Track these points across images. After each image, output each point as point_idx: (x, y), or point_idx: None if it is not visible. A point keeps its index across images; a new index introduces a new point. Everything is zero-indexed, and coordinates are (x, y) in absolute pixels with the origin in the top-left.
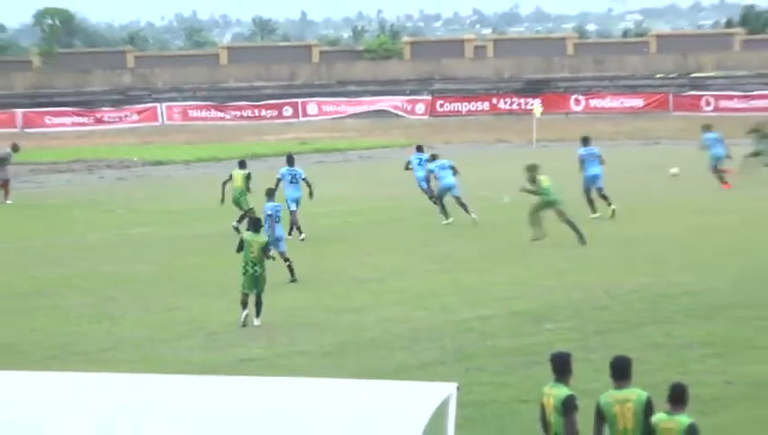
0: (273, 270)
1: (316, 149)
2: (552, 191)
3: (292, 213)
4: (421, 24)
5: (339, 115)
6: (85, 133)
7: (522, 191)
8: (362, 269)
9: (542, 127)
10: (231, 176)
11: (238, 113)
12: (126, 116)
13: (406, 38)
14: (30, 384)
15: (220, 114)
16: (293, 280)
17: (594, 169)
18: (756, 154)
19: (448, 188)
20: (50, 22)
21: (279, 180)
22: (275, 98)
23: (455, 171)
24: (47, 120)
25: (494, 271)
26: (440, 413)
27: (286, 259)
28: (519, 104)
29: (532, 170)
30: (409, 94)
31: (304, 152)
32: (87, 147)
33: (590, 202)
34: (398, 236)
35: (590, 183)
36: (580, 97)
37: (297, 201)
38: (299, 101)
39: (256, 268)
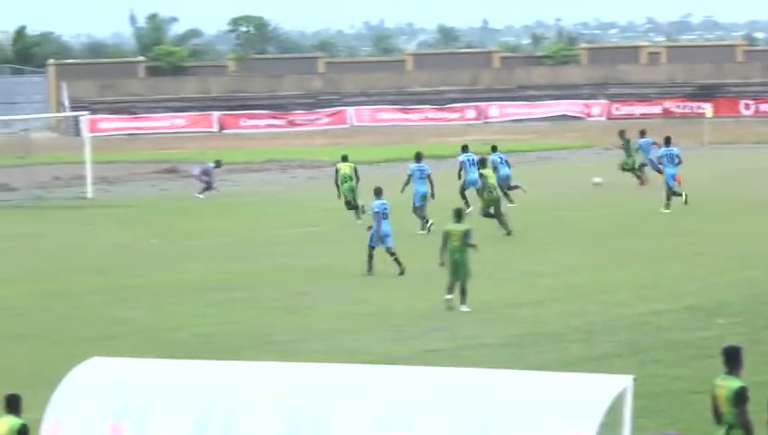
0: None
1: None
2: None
3: (419, 208)
4: (597, 32)
5: (519, 118)
6: (278, 135)
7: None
8: (539, 265)
9: (713, 130)
10: (337, 169)
11: (423, 116)
12: (317, 119)
13: (583, 44)
14: (226, 373)
15: (405, 116)
16: (402, 273)
17: (671, 169)
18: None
19: (472, 183)
20: (245, 29)
21: (409, 176)
22: (458, 102)
23: (481, 167)
24: (242, 122)
25: (666, 267)
26: (618, 404)
27: (392, 253)
28: (690, 108)
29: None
30: (586, 98)
31: (485, 154)
32: (280, 148)
33: (669, 197)
34: (573, 232)
35: (668, 179)
36: (750, 102)
37: (424, 196)
38: (481, 104)
39: (456, 256)
